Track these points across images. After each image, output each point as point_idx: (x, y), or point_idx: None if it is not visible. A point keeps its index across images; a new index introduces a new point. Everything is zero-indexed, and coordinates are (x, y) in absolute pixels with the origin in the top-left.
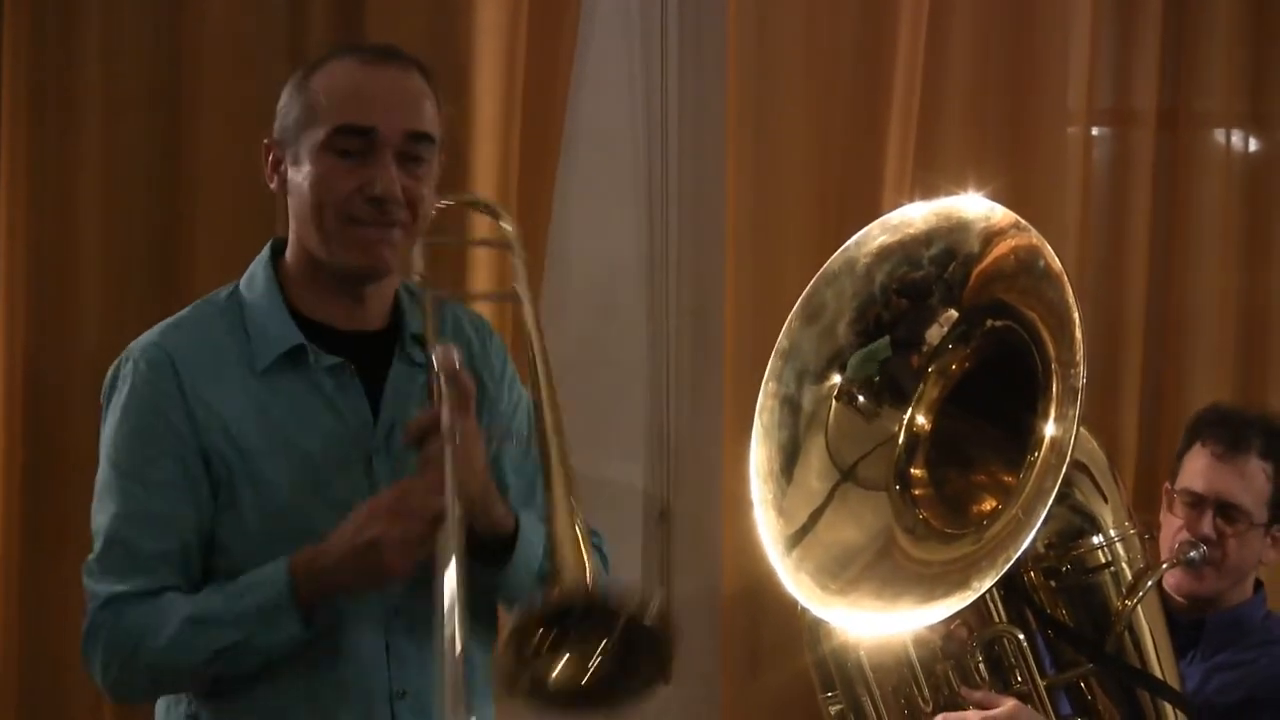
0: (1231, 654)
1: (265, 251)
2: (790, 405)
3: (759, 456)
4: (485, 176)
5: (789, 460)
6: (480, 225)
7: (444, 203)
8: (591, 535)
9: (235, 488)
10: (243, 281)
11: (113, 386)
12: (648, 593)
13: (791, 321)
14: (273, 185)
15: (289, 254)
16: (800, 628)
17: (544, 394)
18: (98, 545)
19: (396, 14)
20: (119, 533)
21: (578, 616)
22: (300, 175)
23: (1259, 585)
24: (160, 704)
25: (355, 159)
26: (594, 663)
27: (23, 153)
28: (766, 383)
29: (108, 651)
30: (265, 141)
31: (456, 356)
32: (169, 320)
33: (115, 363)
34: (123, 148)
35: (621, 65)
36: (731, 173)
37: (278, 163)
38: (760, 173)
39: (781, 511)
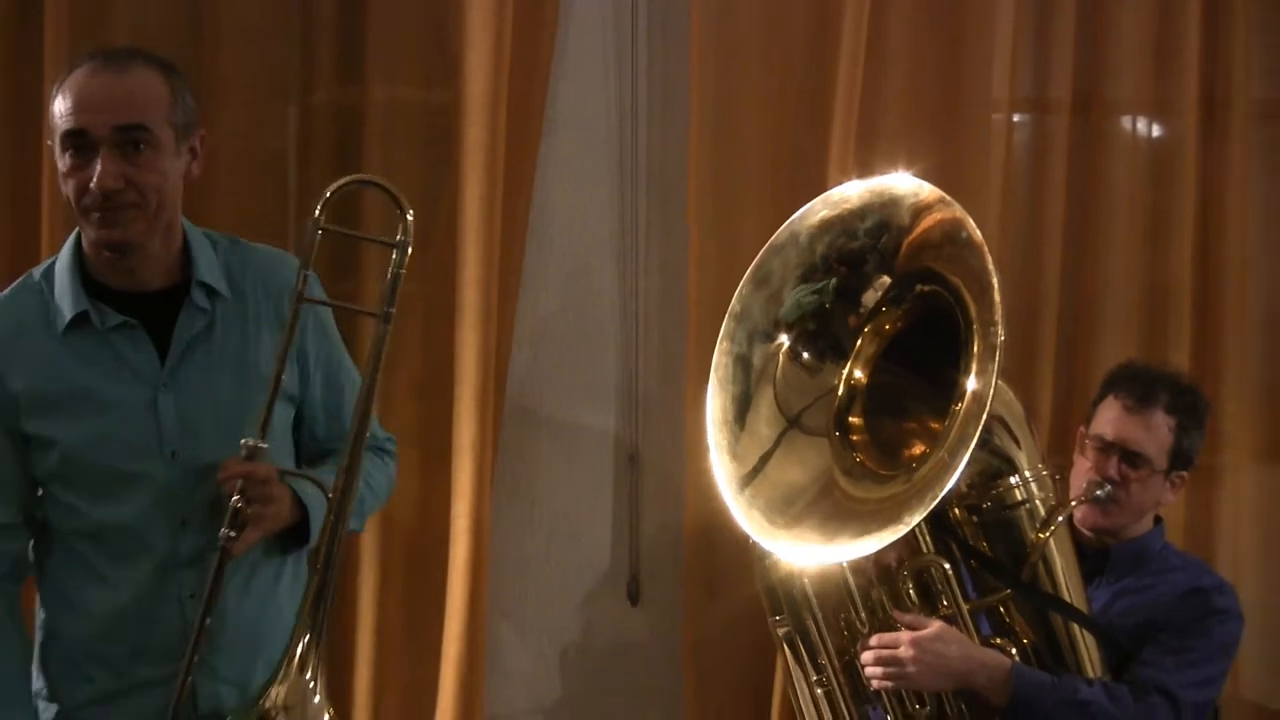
0: (1133, 580)
1: (76, 231)
2: (743, 362)
3: (715, 407)
4: (474, 158)
5: (741, 410)
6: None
7: (348, 180)
8: (388, 441)
9: (41, 435)
10: (58, 259)
11: None
12: None
13: (743, 288)
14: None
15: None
16: (751, 559)
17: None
18: None
19: (397, 14)
20: None
21: None
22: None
23: (1158, 520)
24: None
25: (81, 158)
26: None
27: None
28: (721, 342)
29: None
30: (49, 142)
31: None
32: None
33: None
34: None
35: (596, 59)
36: (693, 155)
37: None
38: (719, 155)
39: (735, 455)
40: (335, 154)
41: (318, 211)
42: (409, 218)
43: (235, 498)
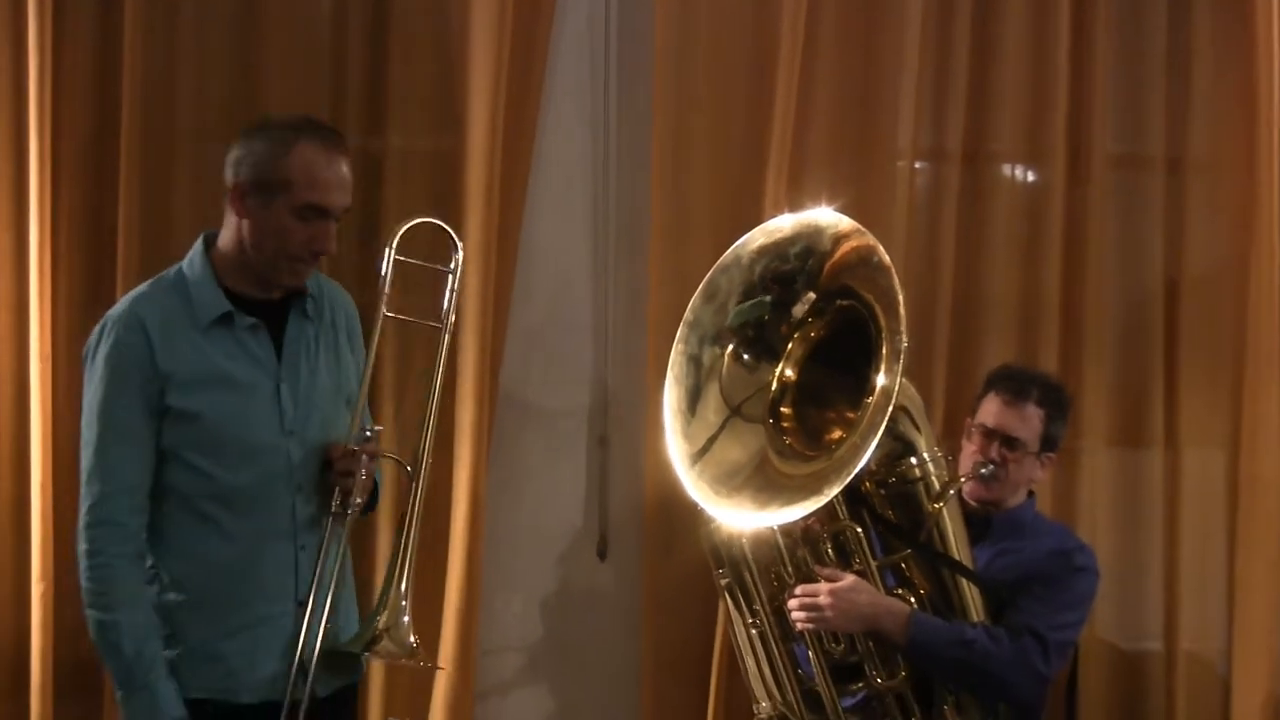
0: (1010, 543)
1: (200, 244)
2: (694, 361)
3: (671, 398)
4: (476, 189)
5: (692, 401)
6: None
7: (418, 221)
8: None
9: (181, 407)
10: (184, 264)
11: (96, 347)
12: None
13: (695, 300)
14: (234, 209)
15: (225, 246)
16: (699, 523)
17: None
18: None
19: (412, 77)
20: (95, 471)
21: None
22: (266, 216)
23: (1030, 493)
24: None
25: (310, 224)
26: None
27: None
28: (677, 345)
29: (91, 576)
30: (238, 179)
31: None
32: (135, 294)
33: (97, 329)
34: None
35: (574, 116)
36: (655, 193)
37: (243, 195)
38: (675, 193)
39: (687, 438)
40: (360, 193)
41: (394, 243)
42: (460, 254)
43: (361, 471)
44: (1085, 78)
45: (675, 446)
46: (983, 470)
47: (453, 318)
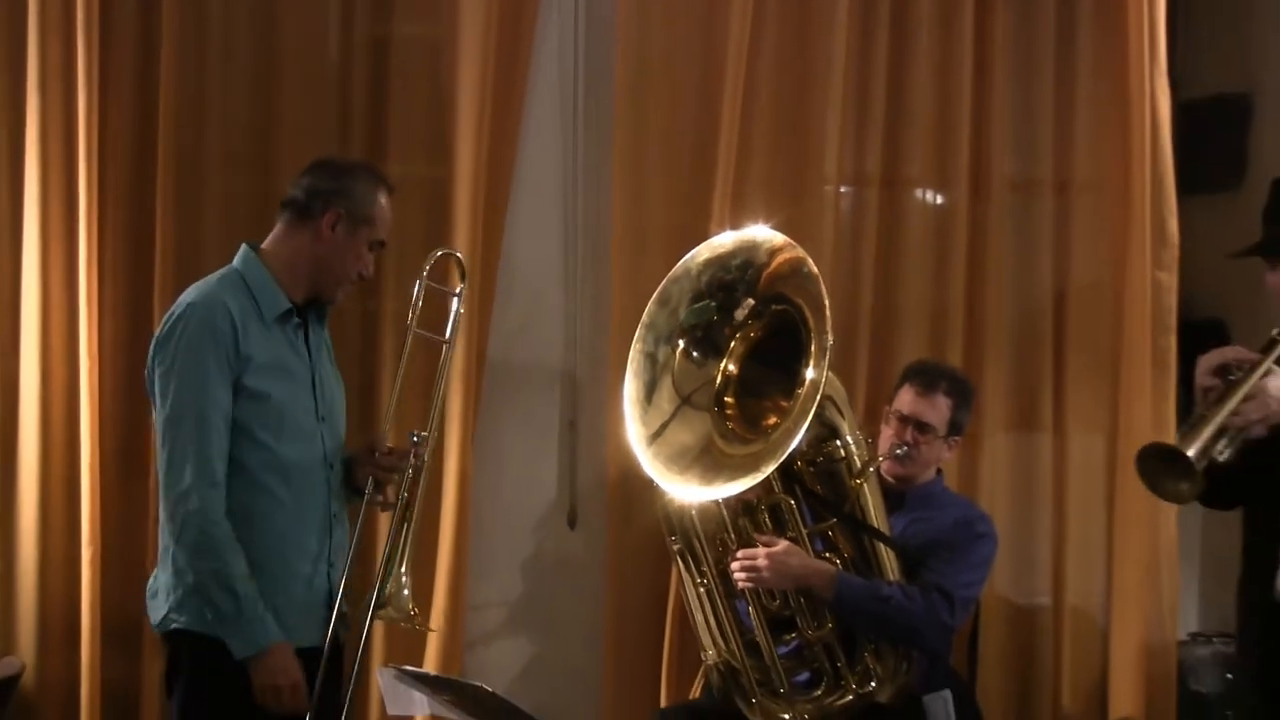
0: (921, 513)
1: (248, 251)
2: (650, 358)
3: (630, 389)
4: (463, 211)
5: (649, 392)
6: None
7: (441, 253)
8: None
9: (255, 388)
10: (238, 267)
11: (181, 323)
12: None
13: (651, 306)
14: (326, 228)
15: (278, 256)
16: (655, 496)
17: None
18: (182, 446)
19: (409, 112)
20: (201, 439)
21: None
22: (350, 244)
23: (939, 471)
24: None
25: (372, 253)
26: None
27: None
28: (635, 343)
29: (194, 532)
30: (334, 210)
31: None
32: (207, 282)
33: (174, 317)
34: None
35: (548, 145)
36: (616, 213)
37: (335, 223)
38: (634, 211)
39: (644, 423)
40: None
41: (426, 271)
42: (465, 282)
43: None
44: (985, 111)
45: (634, 431)
46: (898, 451)
47: (455, 335)
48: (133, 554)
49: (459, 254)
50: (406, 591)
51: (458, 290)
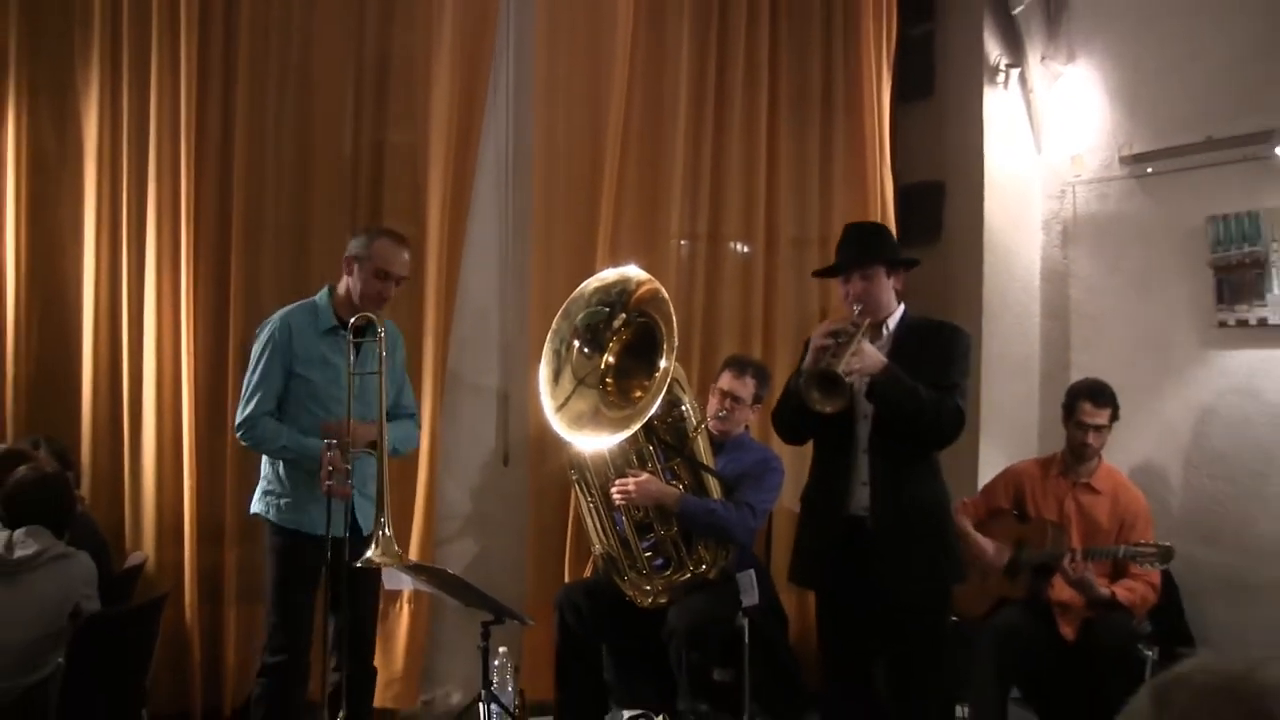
0: (735, 455)
1: (326, 289)
2: (556, 354)
3: (543, 374)
4: (432, 259)
5: (556, 376)
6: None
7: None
8: (412, 410)
9: (302, 377)
10: (317, 298)
11: (261, 331)
12: None
13: (557, 319)
14: (347, 272)
15: (340, 292)
16: (562, 446)
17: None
18: (247, 393)
19: (404, 86)
20: (256, 390)
21: None
22: (356, 276)
23: (746, 427)
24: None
25: (386, 283)
26: None
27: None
28: (547, 344)
29: (250, 437)
30: (350, 259)
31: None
32: (285, 309)
33: (263, 326)
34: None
35: (490, 207)
36: (534, 257)
37: (351, 266)
38: (547, 255)
39: (553, 397)
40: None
41: (350, 333)
42: (382, 331)
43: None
44: (774, 189)
45: (546, 403)
46: (720, 414)
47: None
48: (216, 482)
49: (373, 315)
50: (390, 536)
51: (379, 338)
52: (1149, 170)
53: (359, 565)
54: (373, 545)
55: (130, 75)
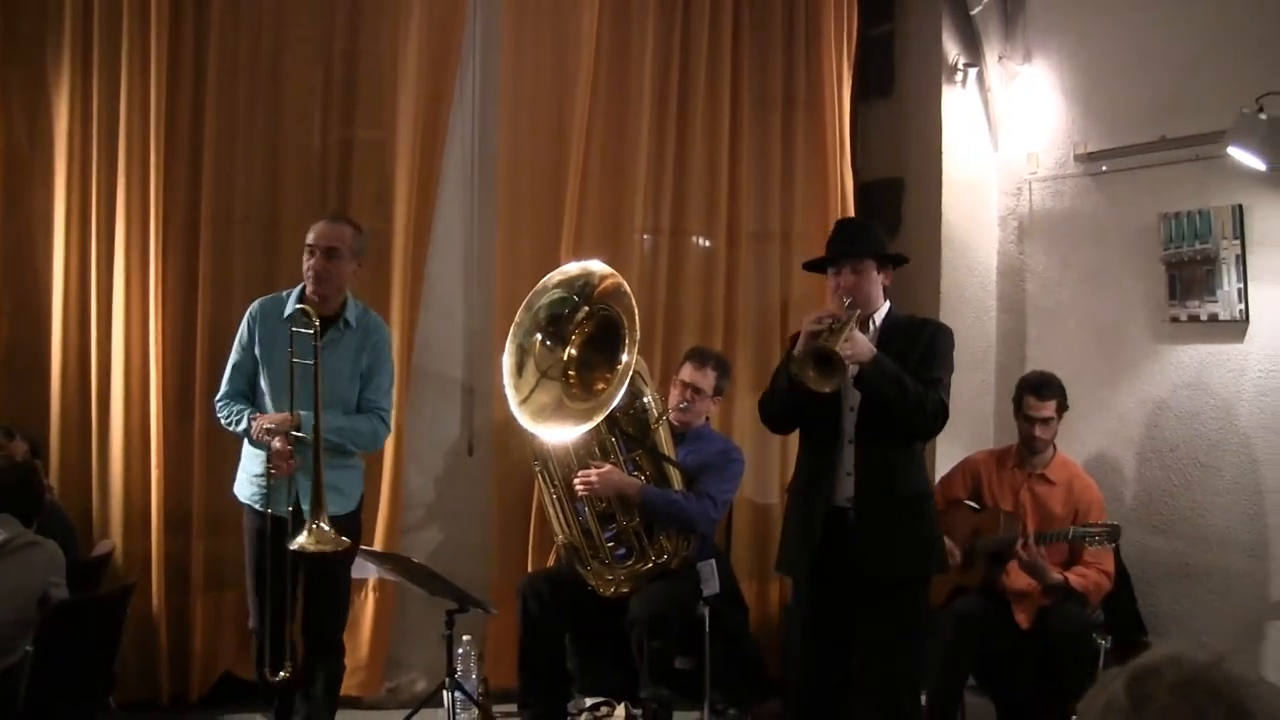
0: (696, 445)
1: (302, 285)
2: (520, 346)
3: (507, 367)
4: (399, 257)
5: (520, 368)
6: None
7: (299, 306)
8: (383, 412)
9: (259, 355)
10: (294, 290)
11: (244, 317)
12: None
13: (520, 313)
14: None
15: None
16: (527, 437)
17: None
18: (225, 374)
19: (371, 82)
20: (229, 371)
21: None
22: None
23: (707, 419)
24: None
25: (310, 258)
26: None
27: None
28: (510, 338)
29: (220, 415)
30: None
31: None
32: (261, 299)
33: (248, 309)
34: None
35: (456, 205)
36: (499, 253)
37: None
38: (512, 250)
39: (517, 390)
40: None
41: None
42: (317, 322)
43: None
44: (736, 185)
45: (510, 395)
46: (681, 406)
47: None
48: (184, 471)
49: (308, 308)
50: (327, 529)
51: (314, 329)
52: (1103, 168)
53: (292, 549)
54: (305, 532)
55: (101, 70)
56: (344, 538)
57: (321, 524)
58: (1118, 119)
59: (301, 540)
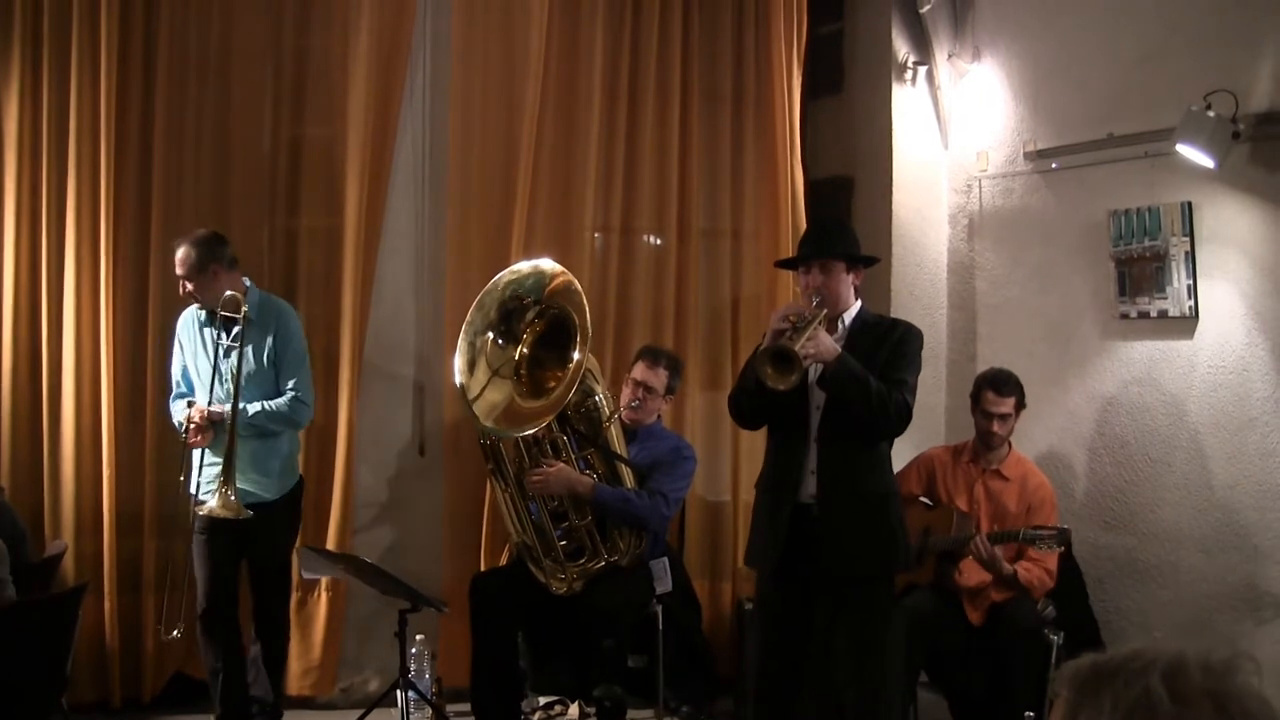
0: (648, 443)
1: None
2: (471, 344)
3: (459, 365)
4: (349, 252)
5: (471, 367)
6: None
7: (229, 293)
8: (297, 396)
9: (185, 356)
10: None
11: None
12: None
13: (471, 311)
14: None
15: None
16: (478, 435)
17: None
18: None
19: (322, 81)
20: (172, 375)
21: None
22: None
23: (659, 416)
24: None
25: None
26: None
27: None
28: (461, 336)
29: (173, 411)
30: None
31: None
32: (190, 308)
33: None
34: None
35: (406, 201)
36: (450, 250)
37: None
38: (463, 249)
39: (468, 388)
40: (285, 250)
41: (220, 311)
42: (244, 310)
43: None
44: (687, 183)
45: (465, 391)
46: (633, 404)
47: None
48: (135, 472)
49: (236, 294)
50: (233, 497)
51: (240, 315)
52: (1053, 166)
53: (202, 515)
54: (214, 495)
55: (50, 68)
56: (248, 509)
57: (228, 493)
58: (1067, 117)
59: (211, 504)
